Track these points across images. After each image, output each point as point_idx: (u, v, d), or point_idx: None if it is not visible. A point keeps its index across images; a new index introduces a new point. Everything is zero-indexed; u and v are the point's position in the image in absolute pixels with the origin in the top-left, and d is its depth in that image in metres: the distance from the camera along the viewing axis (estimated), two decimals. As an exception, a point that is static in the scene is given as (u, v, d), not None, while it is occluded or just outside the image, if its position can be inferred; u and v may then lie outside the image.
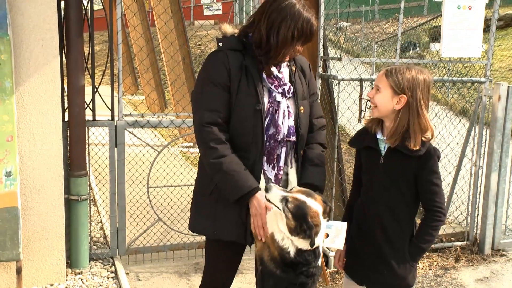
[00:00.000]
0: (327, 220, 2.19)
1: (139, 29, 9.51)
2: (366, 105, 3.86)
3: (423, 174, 2.26)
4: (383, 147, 2.33)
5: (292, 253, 2.13)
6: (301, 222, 2.07)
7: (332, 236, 2.28)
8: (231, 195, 2.23)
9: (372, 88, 2.39)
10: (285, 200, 2.10)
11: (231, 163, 2.20)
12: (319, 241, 2.17)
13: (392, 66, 2.30)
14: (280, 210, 2.10)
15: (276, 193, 2.12)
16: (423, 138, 2.24)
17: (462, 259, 4.25)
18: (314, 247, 2.12)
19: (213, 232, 2.34)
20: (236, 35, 2.36)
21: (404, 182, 2.29)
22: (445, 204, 2.32)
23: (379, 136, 2.34)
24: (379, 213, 2.33)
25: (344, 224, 2.30)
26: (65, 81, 3.65)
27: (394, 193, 2.31)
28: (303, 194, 2.14)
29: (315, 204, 2.12)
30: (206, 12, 22.00)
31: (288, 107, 2.34)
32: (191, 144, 8.28)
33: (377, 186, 2.35)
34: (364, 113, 3.86)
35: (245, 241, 2.32)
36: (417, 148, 2.22)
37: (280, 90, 2.32)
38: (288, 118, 2.33)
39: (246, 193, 2.20)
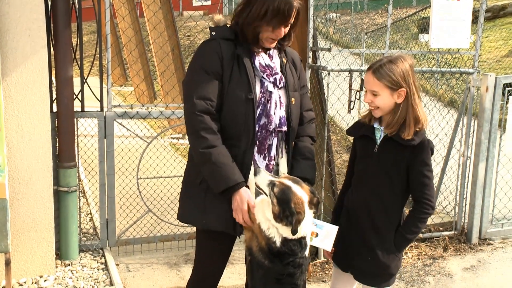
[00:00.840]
0: (314, 212, 2.20)
1: (128, 20, 9.43)
2: (355, 96, 3.87)
3: (415, 165, 2.27)
4: (379, 136, 2.34)
5: (277, 243, 2.14)
6: (285, 207, 2.07)
7: (322, 236, 2.30)
8: (216, 187, 2.23)
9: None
10: (271, 184, 2.11)
11: (220, 155, 2.20)
12: (305, 231, 2.18)
13: (376, 66, 2.28)
14: (267, 194, 2.11)
15: (264, 177, 2.14)
16: (416, 129, 2.26)
17: (450, 249, 4.30)
18: (296, 235, 2.12)
19: (202, 222, 2.34)
20: (228, 25, 2.36)
21: (395, 172, 2.30)
22: (434, 197, 2.33)
23: (375, 125, 2.36)
24: (368, 202, 2.35)
25: (336, 228, 2.33)
26: (53, 72, 3.62)
27: (384, 182, 2.33)
28: (290, 180, 2.15)
29: (301, 191, 2.13)
30: (195, 3, 21.84)
31: (279, 97, 2.34)
32: (181, 135, 8.25)
33: (369, 175, 2.37)
34: (354, 104, 3.87)
35: (234, 231, 2.33)
36: (410, 137, 2.23)
37: (271, 79, 2.32)
38: (280, 108, 2.33)
39: (231, 187, 2.20)
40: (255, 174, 2.15)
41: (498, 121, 4.38)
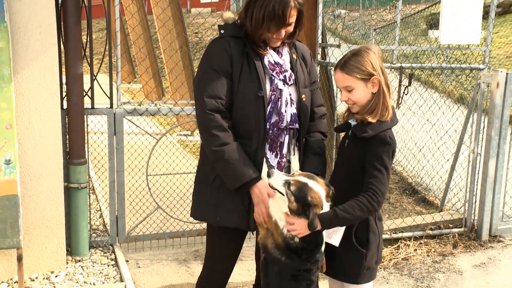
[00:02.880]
0: (331, 206, 2.20)
1: (137, 17, 9.46)
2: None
3: (367, 157, 2.20)
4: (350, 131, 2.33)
5: (296, 238, 2.15)
6: (303, 203, 2.07)
7: (330, 231, 2.29)
8: (232, 184, 2.24)
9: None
10: (287, 183, 2.10)
11: (233, 152, 2.20)
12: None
13: (341, 62, 2.26)
14: (283, 194, 2.11)
15: (278, 177, 2.13)
16: (381, 117, 2.21)
17: (459, 245, 4.29)
18: (314, 229, 2.11)
19: (216, 219, 2.35)
20: (237, 22, 2.36)
21: (355, 167, 2.25)
22: (383, 194, 2.18)
23: (350, 121, 2.35)
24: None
25: None
26: (63, 69, 3.63)
27: (345, 177, 2.30)
28: (305, 177, 2.15)
29: (317, 186, 2.13)
30: (203, 0, 21.85)
31: (290, 94, 2.34)
32: (189, 132, 8.28)
33: (337, 169, 2.38)
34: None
35: (249, 227, 2.33)
36: (374, 120, 2.20)
37: (281, 77, 2.32)
38: (291, 105, 2.33)
39: (246, 182, 2.21)
40: (268, 176, 2.14)
41: (508, 118, 4.34)
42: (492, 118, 4.30)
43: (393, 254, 4.09)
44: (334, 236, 2.31)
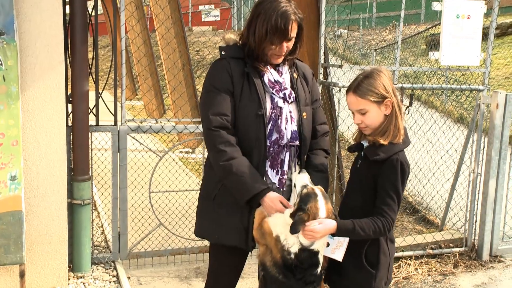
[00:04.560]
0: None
1: (142, 36, 9.59)
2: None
3: (380, 181, 2.22)
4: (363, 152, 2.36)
5: (295, 250, 2.17)
6: (299, 206, 2.13)
7: (333, 247, 2.31)
8: (241, 197, 2.26)
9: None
10: (304, 187, 2.18)
11: (241, 165, 2.24)
12: (318, 246, 2.21)
13: (354, 85, 2.28)
14: (296, 193, 2.20)
15: (303, 179, 2.22)
16: (392, 139, 2.23)
17: (460, 265, 4.29)
18: (295, 234, 2.13)
19: (215, 236, 2.38)
20: (238, 43, 2.42)
21: (367, 188, 2.27)
22: (394, 222, 2.22)
23: (363, 142, 2.38)
24: (343, 216, 2.32)
25: (347, 239, 2.32)
26: (69, 86, 3.68)
27: (358, 198, 2.32)
28: (321, 193, 2.19)
29: (323, 204, 2.16)
30: (204, 18, 22.08)
31: (290, 112, 2.38)
32: (190, 149, 8.31)
33: (350, 190, 2.40)
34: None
35: (246, 246, 2.36)
36: (386, 142, 2.21)
37: (281, 94, 2.37)
38: (291, 123, 2.37)
39: (256, 194, 2.23)
40: (299, 173, 2.27)
41: (508, 138, 4.39)
42: (492, 139, 4.34)
43: (394, 273, 4.09)
44: (337, 251, 2.33)
